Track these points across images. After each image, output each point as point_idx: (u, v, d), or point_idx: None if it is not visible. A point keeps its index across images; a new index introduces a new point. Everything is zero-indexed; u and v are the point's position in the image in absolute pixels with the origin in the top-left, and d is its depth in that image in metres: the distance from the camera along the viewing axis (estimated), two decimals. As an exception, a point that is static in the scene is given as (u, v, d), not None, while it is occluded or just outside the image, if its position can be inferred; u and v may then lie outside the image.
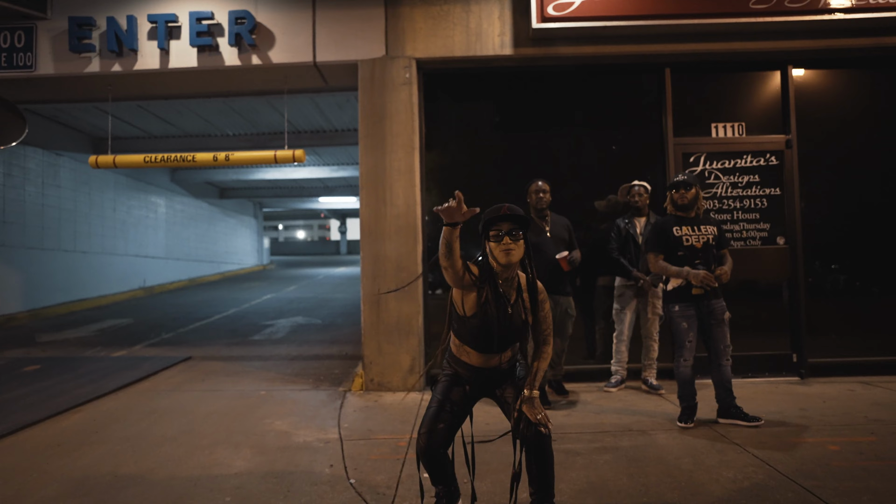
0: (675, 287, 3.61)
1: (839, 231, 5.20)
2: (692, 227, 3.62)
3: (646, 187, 4.63)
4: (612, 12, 4.70)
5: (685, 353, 3.60)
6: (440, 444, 2.16)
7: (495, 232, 2.16)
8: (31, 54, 5.04)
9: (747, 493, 2.58)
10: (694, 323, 3.58)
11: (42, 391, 4.83)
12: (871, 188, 5.21)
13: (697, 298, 3.54)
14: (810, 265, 5.05)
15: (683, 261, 3.56)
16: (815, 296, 5.05)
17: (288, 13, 4.97)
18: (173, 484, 2.87)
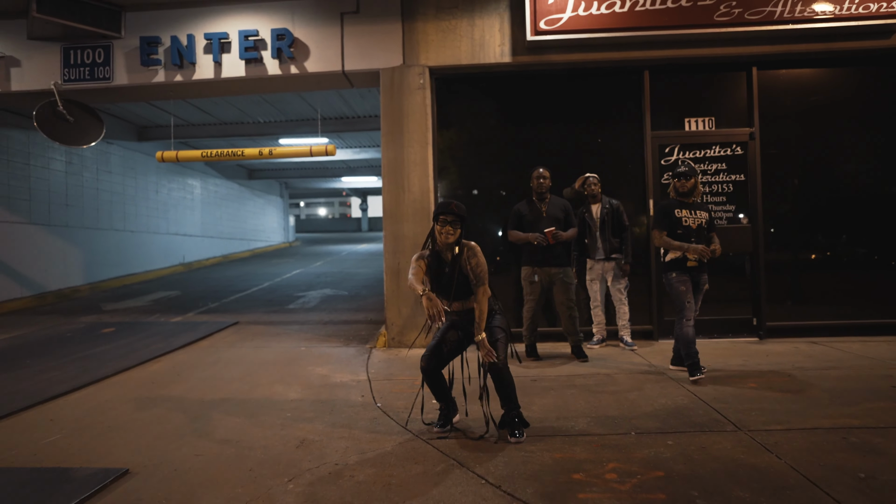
0: (673, 258, 4.33)
1: (796, 212, 5.97)
2: (690, 211, 4.35)
3: (597, 178, 5.40)
4: (596, 25, 5.48)
5: (686, 312, 4.23)
6: (435, 367, 3.15)
7: (442, 220, 3.08)
8: (108, 68, 6.03)
9: (670, 410, 3.49)
10: (690, 286, 4.28)
11: (124, 347, 5.92)
12: (824, 174, 5.96)
13: (691, 269, 4.30)
14: (769, 241, 5.85)
15: (682, 238, 4.27)
16: (774, 268, 5.86)
17: (320, 29, 5.85)
18: (247, 404, 3.89)
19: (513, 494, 2.42)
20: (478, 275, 3.12)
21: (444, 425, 3.23)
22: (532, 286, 4.99)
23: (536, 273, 4.95)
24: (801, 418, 3.25)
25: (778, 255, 5.92)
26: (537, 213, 5.01)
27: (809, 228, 5.99)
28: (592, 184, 5.41)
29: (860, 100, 5.88)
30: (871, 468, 2.55)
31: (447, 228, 3.07)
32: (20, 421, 3.67)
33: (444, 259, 3.16)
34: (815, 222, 5.98)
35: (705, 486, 2.44)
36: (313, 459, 2.88)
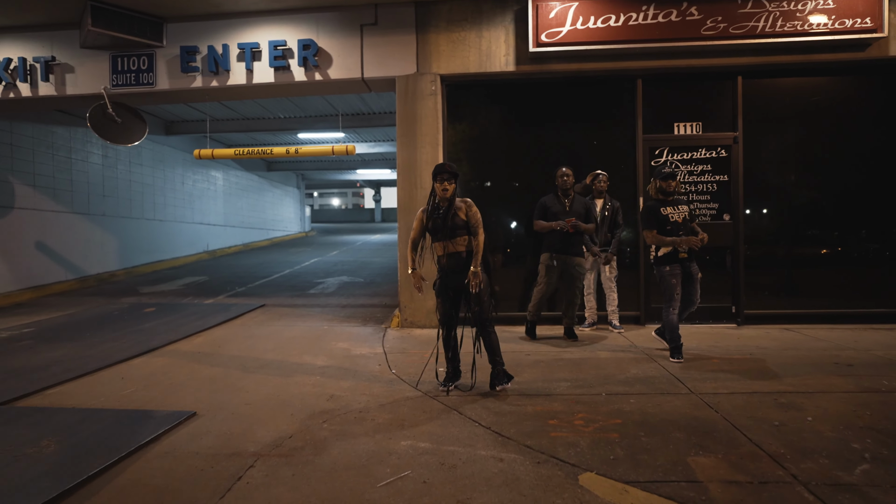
0: (665, 253, 4.82)
1: (774, 210, 6.53)
2: (673, 207, 4.86)
3: (606, 175, 6.00)
4: (593, 38, 6.05)
5: (673, 304, 4.76)
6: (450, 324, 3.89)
7: (439, 179, 3.82)
8: (151, 74, 6.72)
9: (640, 379, 4.11)
10: (680, 279, 4.78)
11: (167, 324, 6.66)
12: (801, 175, 6.50)
13: (682, 260, 4.81)
14: (748, 237, 6.41)
15: (671, 233, 4.77)
16: (752, 261, 6.43)
17: (342, 40, 6.48)
18: (282, 369, 4.59)
19: (499, 433, 3.08)
20: (476, 220, 3.84)
21: (447, 383, 3.90)
22: (549, 270, 5.49)
23: (555, 259, 5.46)
24: (745, 385, 3.87)
25: (756, 250, 6.47)
26: (562, 207, 5.53)
27: (786, 225, 6.54)
28: (602, 180, 5.98)
29: (837, 107, 6.39)
30: (787, 419, 3.17)
31: (444, 184, 3.83)
32: (98, 378, 4.40)
33: (439, 207, 3.89)
34: (792, 220, 6.53)
35: (651, 429, 3.08)
36: (341, 408, 3.56)
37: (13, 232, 8.87)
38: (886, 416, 3.20)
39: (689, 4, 5.92)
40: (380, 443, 2.99)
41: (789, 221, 6.54)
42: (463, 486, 2.48)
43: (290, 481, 2.56)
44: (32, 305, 8.32)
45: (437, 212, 3.89)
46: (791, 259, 6.55)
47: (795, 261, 6.55)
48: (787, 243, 6.56)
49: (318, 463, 2.76)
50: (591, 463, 2.67)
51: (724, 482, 2.45)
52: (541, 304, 5.70)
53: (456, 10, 6.35)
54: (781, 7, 5.84)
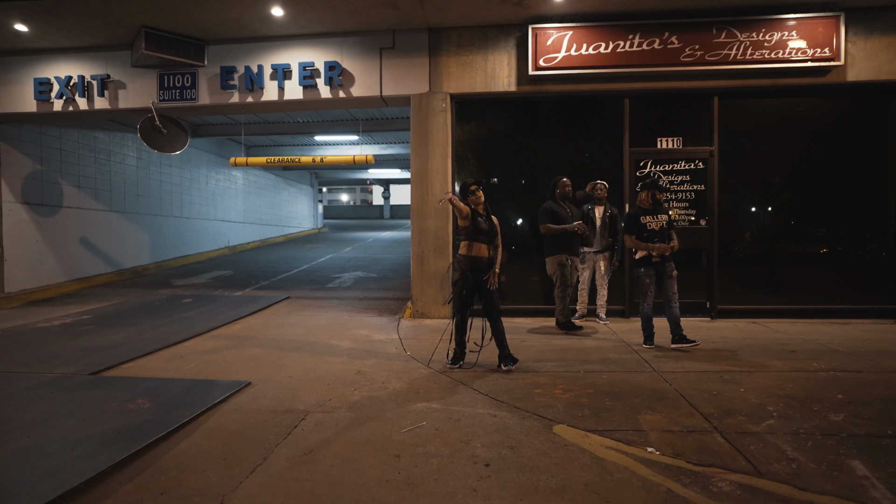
0: (642, 256, 5.58)
1: (745, 216, 7.30)
2: (653, 216, 5.59)
3: (605, 185, 6.80)
4: (585, 63, 6.83)
5: (647, 299, 5.55)
6: (464, 308, 4.64)
7: (473, 189, 4.63)
8: (194, 90, 7.57)
9: (614, 360, 4.92)
10: (653, 279, 5.54)
11: (205, 313, 7.53)
12: (769, 184, 7.27)
13: (656, 263, 5.55)
14: (722, 240, 7.18)
15: (648, 238, 5.50)
16: (726, 262, 7.20)
17: (363, 62, 7.30)
18: (314, 350, 5.44)
19: (495, 398, 3.91)
20: (498, 233, 4.74)
21: (454, 362, 4.73)
22: (565, 268, 6.14)
23: (570, 259, 6.19)
24: (699, 366, 4.67)
25: (729, 251, 7.25)
26: (566, 213, 6.32)
27: (756, 230, 7.31)
28: (600, 189, 6.76)
29: (802, 124, 7.15)
30: (724, 390, 3.97)
31: (478, 194, 4.64)
32: (160, 356, 5.27)
33: (479, 215, 4.66)
34: (761, 225, 7.31)
35: (615, 396, 3.90)
36: (367, 381, 4.40)
37: (61, 228, 9.78)
38: (803, 388, 4.00)
39: (670, 34, 6.69)
40: (400, 404, 3.82)
41: (758, 226, 7.32)
42: (466, 432, 3.31)
43: (334, 427, 3.40)
44: (80, 295, 9.24)
45: (479, 216, 4.65)
46: (759, 259, 7.33)
47: (763, 261, 7.32)
48: (757, 246, 7.33)
49: (353, 417, 3.59)
50: (563, 418, 3.50)
51: (662, 431, 3.26)
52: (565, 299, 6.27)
53: (465, 36, 7.15)
54: (751, 38, 6.59)
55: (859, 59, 6.69)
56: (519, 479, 2.68)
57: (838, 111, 7.13)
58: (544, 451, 3.01)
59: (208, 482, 2.70)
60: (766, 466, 2.78)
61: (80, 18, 6.81)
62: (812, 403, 3.68)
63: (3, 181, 8.53)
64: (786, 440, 3.09)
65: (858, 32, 6.67)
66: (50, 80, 7.69)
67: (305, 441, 3.20)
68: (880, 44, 6.67)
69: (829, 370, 4.50)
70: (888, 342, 5.61)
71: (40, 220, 9.30)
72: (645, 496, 2.50)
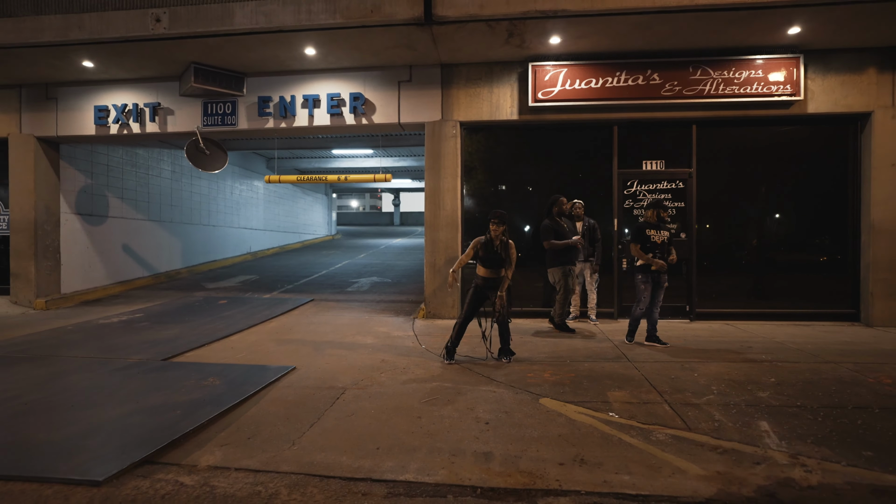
0: (643, 264, 6.42)
1: (720, 230, 8.22)
2: (656, 230, 6.48)
3: (582, 203, 7.71)
4: (578, 96, 7.79)
5: (641, 304, 6.35)
6: (465, 323, 5.57)
7: (493, 221, 5.46)
8: (234, 117, 8.61)
9: (597, 352, 5.86)
10: (650, 287, 6.38)
11: (242, 312, 8.52)
12: (741, 202, 8.19)
13: (654, 272, 6.40)
14: (700, 251, 8.10)
15: (650, 250, 6.33)
16: (704, 270, 8.12)
17: (383, 93, 8.31)
18: (343, 344, 6.41)
19: (494, 379, 4.85)
20: (512, 259, 5.52)
21: (447, 357, 5.61)
22: (569, 278, 7.01)
23: (571, 269, 7.05)
24: (667, 357, 5.60)
25: (707, 261, 8.17)
26: (564, 228, 7.23)
27: (731, 242, 8.23)
28: (578, 207, 7.73)
29: (769, 150, 8.07)
30: (681, 375, 4.90)
31: (494, 227, 5.45)
32: (213, 347, 6.26)
33: (493, 244, 5.51)
34: (734, 237, 8.23)
35: (592, 379, 4.84)
36: (391, 367, 5.36)
37: (107, 236, 10.84)
38: (745, 374, 4.92)
39: (652, 72, 7.65)
40: (419, 383, 4.78)
41: (733, 239, 8.24)
42: (471, 402, 4.26)
43: (368, 399, 4.36)
44: (125, 297, 10.28)
45: (491, 246, 5.50)
46: (734, 269, 8.24)
47: (738, 270, 8.24)
48: (732, 256, 8.25)
49: (382, 392, 4.56)
50: (548, 393, 4.44)
51: (623, 402, 4.20)
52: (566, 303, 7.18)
53: (473, 71, 8.14)
54: (723, 75, 7.54)
55: (818, 93, 7.62)
56: (510, 432, 3.63)
57: (802, 138, 8.05)
58: (531, 414, 3.96)
59: (280, 432, 3.67)
60: (696, 425, 3.71)
61: (140, 57, 7.86)
62: (748, 385, 4.61)
63: (62, 195, 9.61)
64: (717, 409, 4.02)
65: (817, 71, 7.60)
66: (108, 107, 8.76)
67: (347, 407, 4.17)
68: (836, 81, 7.59)
69: (772, 361, 5.42)
70: (834, 341, 6.50)
71: (90, 228, 10.36)
72: (601, 442, 3.45)
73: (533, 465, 3.11)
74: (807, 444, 3.37)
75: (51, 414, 3.91)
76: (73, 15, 7.10)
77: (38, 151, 9.08)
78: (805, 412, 3.94)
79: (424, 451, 3.33)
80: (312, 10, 6.85)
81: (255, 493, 2.78)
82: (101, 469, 2.95)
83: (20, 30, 7.16)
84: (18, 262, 9.04)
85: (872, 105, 7.60)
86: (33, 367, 5.22)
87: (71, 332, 7.02)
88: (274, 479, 2.94)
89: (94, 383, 4.70)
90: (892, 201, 7.61)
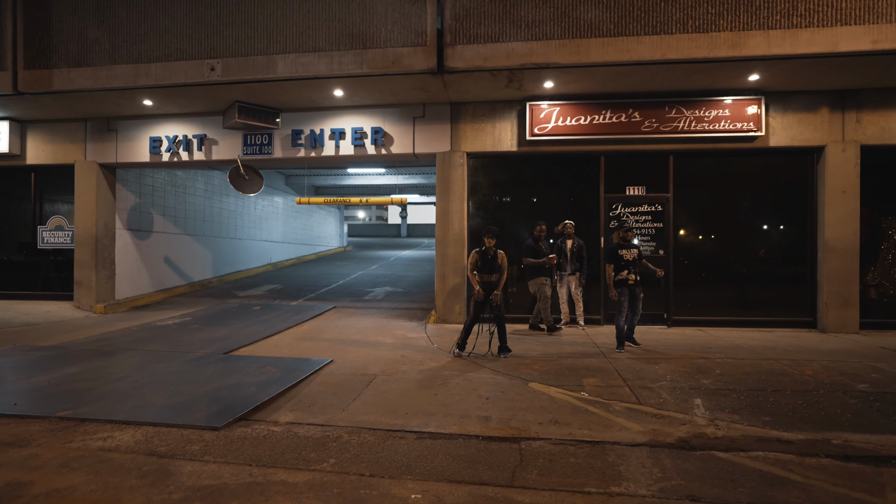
0: (620, 279, 7.63)
1: (694, 247, 9.40)
2: (627, 249, 7.72)
3: (573, 224, 8.92)
4: (569, 132, 9.03)
5: (622, 313, 7.46)
6: (472, 324, 6.79)
7: (486, 236, 6.76)
8: (270, 147, 9.90)
9: (581, 351, 7.03)
10: (627, 297, 7.52)
11: (276, 317, 9.75)
12: (712, 222, 9.37)
13: (630, 285, 7.63)
14: (677, 266, 9.28)
15: (623, 267, 7.49)
16: (680, 282, 9.29)
17: (400, 127, 9.58)
18: (367, 343, 7.61)
19: (494, 369, 6.04)
20: (504, 265, 6.81)
21: (458, 351, 6.84)
22: (544, 288, 8.37)
23: (547, 280, 8.42)
24: (638, 356, 6.77)
25: (682, 275, 9.34)
26: (540, 248, 8.50)
27: (705, 258, 9.41)
28: (569, 227, 8.94)
29: (736, 177, 9.27)
30: (644, 368, 6.07)
31: (487, 240, 6.76)
32: (259, 345, 7.48)
33: (488, 253, 6.79)
34: (709, 254, 9.40)
35: (573, 370, 6.02)
36: (409, 361, 6.56)
37: (151, 249, 12.13)
38: (698, 367, 6.09)
39: (633, 110, 8.88)
40: (433, 372, 5.98)
41: (707, 255, 9.41)
42: (475, 384, 5.44)
43: (394, 383, 5.56)
44: (168, 303, 11.55)
45: (487, 255, 6.82)
46: (707, 281, 9.40)
47: (711, 282, 9.40)
48: (705, 270, 9.41)
49: (405, 377, 5.75)
50: (536, 379, 5.62)
51: (594, 386, 5.38)
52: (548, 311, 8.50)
53: (478, 108, 9.41)
54: (695, 114, 8.76)
55: (778, 129, 8.82)
56: (504, 405, 4.82)
57: (766, 167, 9.24)
58: (521, 392, 5.15)
59: (331, 403, 4.87)
60: (646, 401, 4.89)
61: (192, 97, 9.18)
62: (696, 374, 5.78)
63: (117, 213, 10.92)
64: (665, 391, 5.20)
65: (777, 110, 8.81)
66: (161, 138, 10.08)
67: (379, 388, 5.37)
68: (793, 119, 8.80)
69: (724, 358, 6.58)
70: (786, 344, 7.64)
71: (138, 242, 11.66)
72: (572, 411, 4.63)
73: (520, 424, 4.30)
74: (724, 413, 4.54)
75: (159, 388, 5.15)
76: (142, 65, 8.43)
77: (100, 176, 10.41)
78: (733, 393, 5.11)
79: (440, 415, 4.53)
80: (343, 62, 8.14)
81: (325, 436, 3.98)
82: (216, 420, 4.17)
83: (97, 77, 8.50)
84: (82, 272, 10.34)
85: (825, 140, 8.78)
86: (125, 358, 6.46)
87: (138, 332, 8.27)
88: (335, 429, 4.15)
89: (178, 369, 5.93)
90: (843, 223, 8.77)
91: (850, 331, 8.69)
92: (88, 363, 6.20)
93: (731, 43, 7.40)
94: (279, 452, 3.65)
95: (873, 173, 8.86)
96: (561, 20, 7.71)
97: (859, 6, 7.09)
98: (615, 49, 7.63)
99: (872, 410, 4.58)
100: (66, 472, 3.24)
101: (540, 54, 7.78)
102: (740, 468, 3.44)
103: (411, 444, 3.87)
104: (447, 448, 3.79)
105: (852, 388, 5.23)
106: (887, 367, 6.05)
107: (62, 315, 9.84)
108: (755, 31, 7.35)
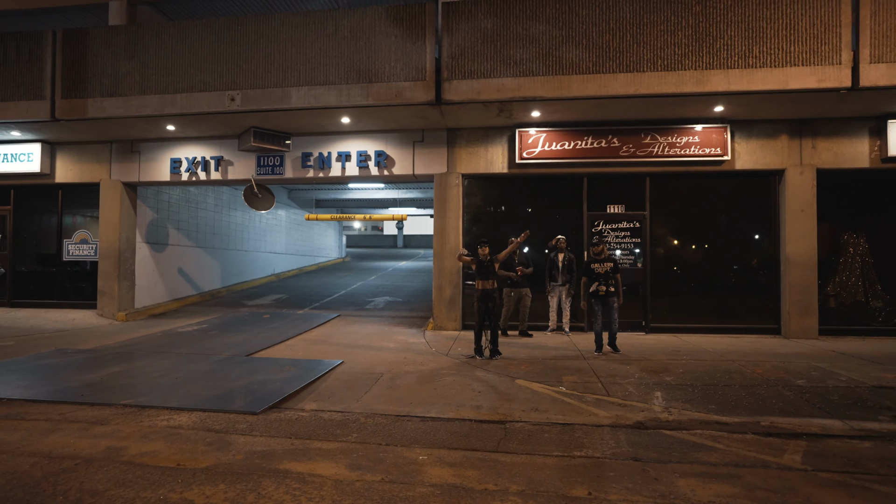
0: (592, 290, 8.59)
1: (669, 260, 10.32)
2: (600, 263, 8.63)
3: (564, 238, 9.84)
4: (555, 156, 9.96)
5: (598, 320, 8.37)
6: (481, 328, 7.66)
7: (481, 244, 7.72)
8: (281, 167, 10.79)
9: (563, 354, 7.89)
10: (600, 306, 8.42)
11: (286, 324, 10.57)
12: (685, 238, 10.30)
13: (601, 296, 8.51)
14: (654, 277, 10.18)
15: (596, 279, 8.45)
16: (656, 293, 10.19)
17: (401, 150, 10.49)
18: (371, 348, 8.46)
19: (486, 369, 6.90)
20: (496, 272, 7.70)
21: (474, 354, 7.71)
22: (509, 298, 9.41)
23: (513, 291, 9.39)
24: (615, 358, 7.64)
25: (659, 285, 10.24)
26: (513, 262, 9.42)
27: (679, 270, 10.32)
28: (562, 241, 9.84)
29: (705, 197, 10.22)
30: (619, 368, 6.94)
31: (482, 249, 7.67)
32: (276, 349, 8.31)
33: (484, 262, 7.67)
34: (683, 266, 10.33)
35: (555, 370, 6.89)
36: (411, 362, 7.41)
37: (166, 261, 12.96)
38: (664, 367, 6.96)
39: (613, 137, 9.83)
40: (433, 372, 6.83)
41: (681, 267, 10.34)
42: (469, 381, 6.29)
43: (399, 379, 6.41)
44: (182, 311, 12.35)
45: (482, 263, 7.70)
46: (682, 291, 10.31)
47: (685, 292, 10.31)
48: (680, 281, 10.33)
49: (408, 376, 6.60)
50: (522, 377, 6.48)
51: (571, 382, 6.24)
52: (507, 318, 9.49)
53: (472, 134, 10.34)
54: (668, 140, 9.71)
55: (742, 154, 9.78)
56: (494, 396, 5.67)
57: (734, 187, 10.20)
58: (509, 387, 6.02)
59: (347, 395, 5.72)
60: (614, 393, 5.76)
61: (212, 123, 10.07)
62: (661, 373, 6.66)
63: (137, 228, 11.75)
64: (632, 386, 6.07)
65: (741, 136, 9.77)
66: (181, 159, 10.95)
67: (386, 384, 6.22)
68: (757, 144, 9.76)
69: (688, 359, 7.47)
70: (748, 348, 8.53)
71: (155, 254, 12.48)
72: (551, 401, 5.49)
73: (506, 411, 5.16)
74: (678, 402, 5.42)
75: (199, 383, 5.98)
76: (168, 95, 9.32)
77: (123, 194, 11.26)
78: (689, 388, 5.99)
79: (440, 404, 5.38)
80: (350, 94, 9.06)
81: (346, 419, 4.83)
82: (254, 407, 5.02)
83: (128, 106, 9.38)
84: (105, 282, 11.15)
85: (785, 163, 9.75)
86: (158, 360, 7.28)
87: (162, 338, 9.09)
88: (353, 414, 5.00)
89: (209, 368, 6.77)
90: (802, 239, 9.70)
91: (809, 337, 9.60)
92: (128, 363, 7.02)
93: (696, 80, 8.37)
94: (311, 430, 4.50)
95: (831, 192, 9.83)
96: (546, 59, 8.66)
97: (805, 51, 8.08)
98: (594, 84, 8.58)
99: (802, 400, 5.47)
100: (148, 441, 4.08)
101: (527, 89, 8.72)
102: (679, 440, 4.31)
103: (417, 424, 4.73)
104: (446, 427, 4.64)
105: (791, 383, 6.13)
106: (827, 367, 6.96)
107: (87, 322, 10.63)
108: (716, 70, 8.32)
